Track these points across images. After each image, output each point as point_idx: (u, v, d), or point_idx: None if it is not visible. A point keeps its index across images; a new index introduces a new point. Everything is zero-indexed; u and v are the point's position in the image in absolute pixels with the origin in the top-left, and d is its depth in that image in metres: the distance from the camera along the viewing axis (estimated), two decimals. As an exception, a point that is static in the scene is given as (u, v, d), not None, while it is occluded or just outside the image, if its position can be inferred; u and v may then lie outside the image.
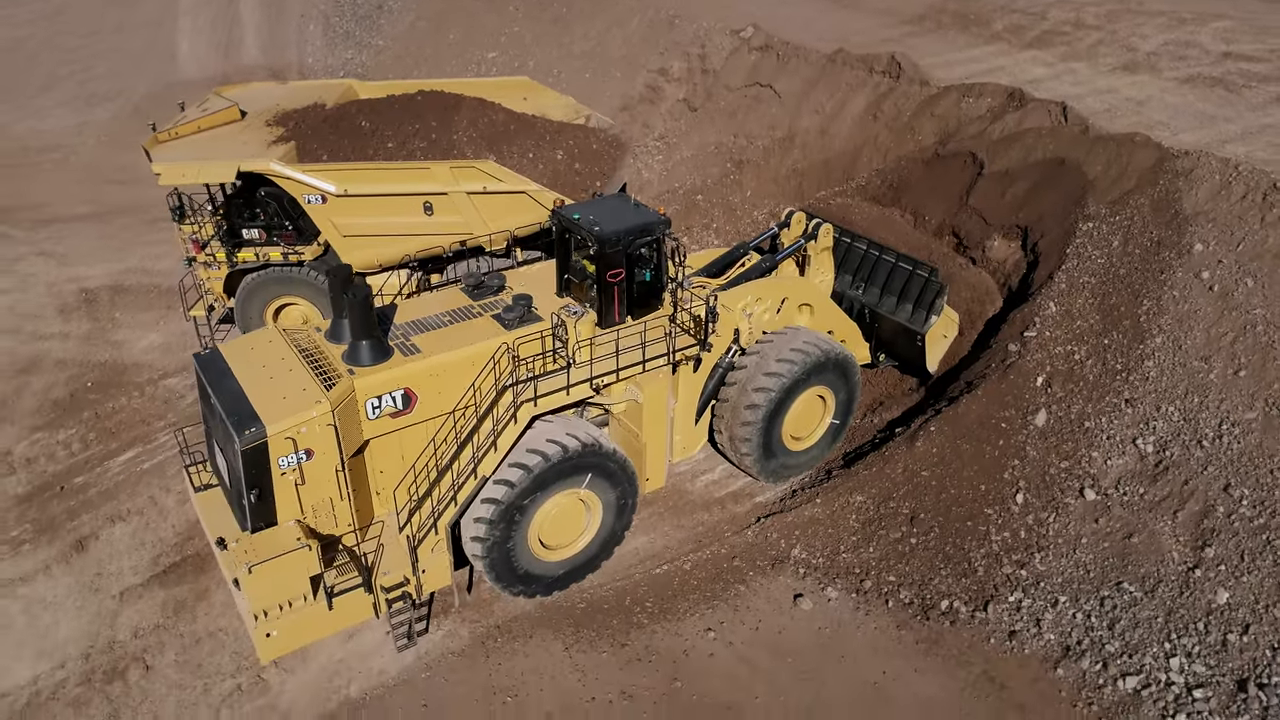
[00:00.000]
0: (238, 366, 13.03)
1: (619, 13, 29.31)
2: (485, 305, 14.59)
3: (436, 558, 13.54)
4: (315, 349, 13.40)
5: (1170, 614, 13.22)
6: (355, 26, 36.89)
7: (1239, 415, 14.45)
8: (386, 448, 13.48)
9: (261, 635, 12.22)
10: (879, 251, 18.19)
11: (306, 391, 12.40)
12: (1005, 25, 28.01)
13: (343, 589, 12.61)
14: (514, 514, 13.62)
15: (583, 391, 14.15)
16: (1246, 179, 16.42)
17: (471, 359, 13.37)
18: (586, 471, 14.16)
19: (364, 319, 12.85)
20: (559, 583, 14.83)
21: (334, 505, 12.88)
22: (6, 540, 15.90)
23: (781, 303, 16.78)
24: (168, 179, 17.71)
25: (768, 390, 15.95)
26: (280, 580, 12.01)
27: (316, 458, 12.35)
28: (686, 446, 16.73)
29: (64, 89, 33.68)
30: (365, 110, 19.66)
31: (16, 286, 23.52)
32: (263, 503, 12.29)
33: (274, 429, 11.92)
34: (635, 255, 14.30)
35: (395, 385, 12.99)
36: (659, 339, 14.62)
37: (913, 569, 14.73)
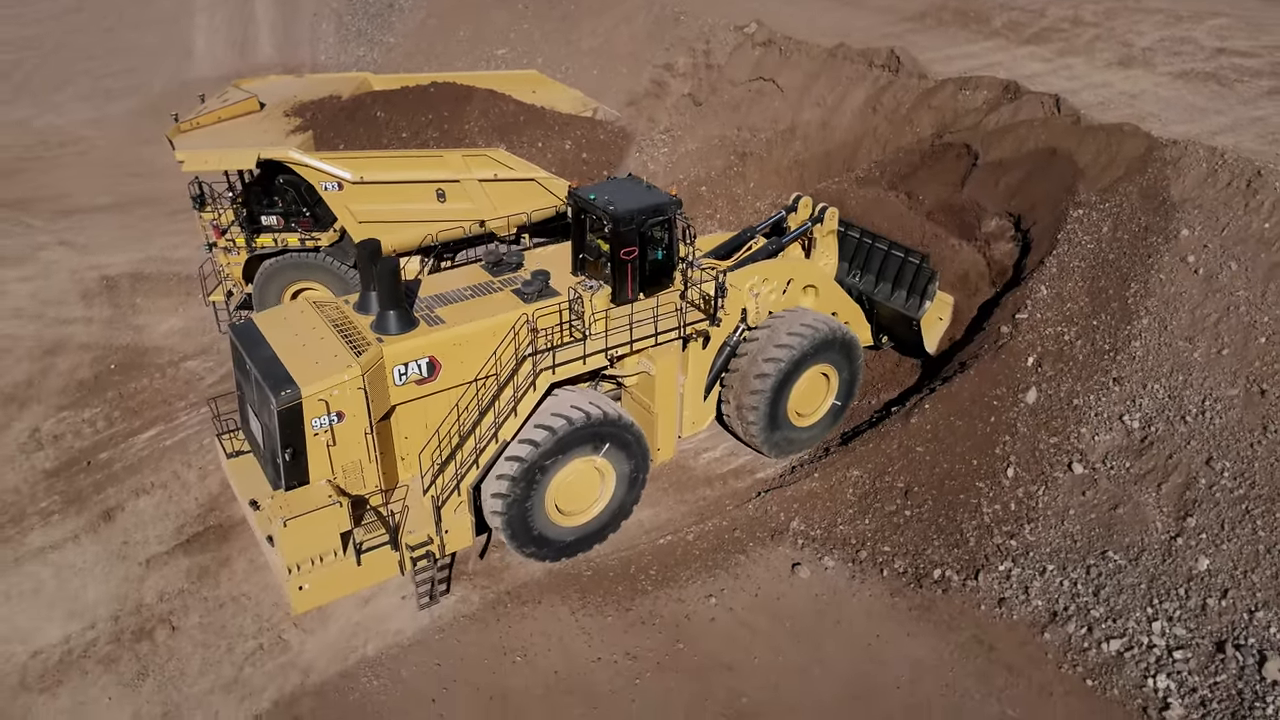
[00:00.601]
0: (272, 335, 13.79)
1: (626, 10, 29.96)
2: (504, 281, 15.37)
3: (459, 518, 14.28)
4: (344, 320, 14.16)
5: (1153, 581, 13.78)
6: (367, 24, 37.61)
7: (1221, 392, 15.00)
8: (411, 414, 14.25)
9: (294, 588, 13.00)
10: (872, 240, 18.88)
11: (338, 357, 13.16)
12: (1004, 22, 28.59)
13: (371, 545, 13.40)
14: (535, 474, 14.36)
15: (598, 361, 14.86)
16: (1232, 167, 16.98)
17: (493, 329, 14.09)
18: (604, 440, 14.88)
19: (392, 290, 13.62)
20: (569, 548, 15.48)
21: (362, 467, 13.64)
22: (37, 511, 16.55)
23: (787, 283, 17.51)
24: (190, 166, 18.36)
25: (777, 360, 16.67)
26: (313, 535, 12.79)
27: (347, 420, 13.12)
28: (695, 422, 17.43)
29: (82, 85, 34.44)
30: (380, 101, 20.32)
31: (40, 274, 24.21)
32: (296, 462, 13.03)
33: (308, 391, 12.69)
34: (648, 234, 14.98)
35: (421, 353, 13.74)
36: (670, 314, 15.30)
37: (907, 540, 15.30)
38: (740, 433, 17.73)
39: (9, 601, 14.72)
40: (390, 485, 14.44)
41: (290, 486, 13.15)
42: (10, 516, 16.43)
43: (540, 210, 19.13)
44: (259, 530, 13.81)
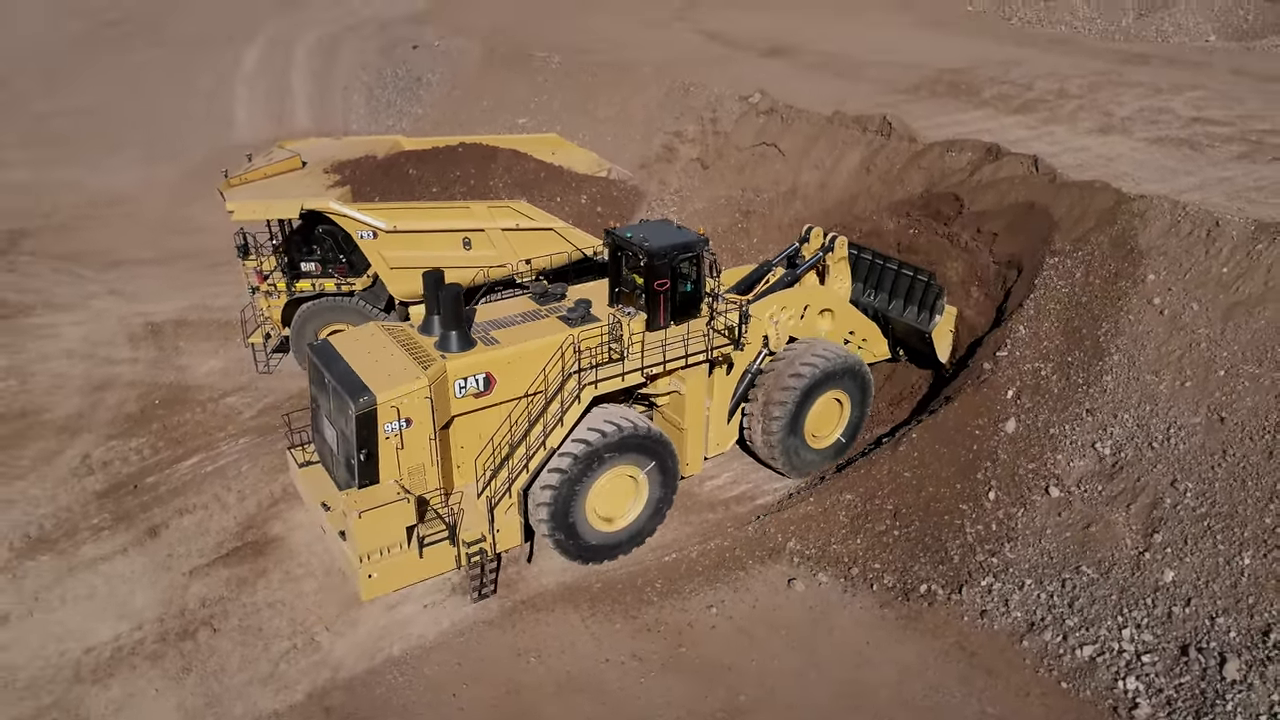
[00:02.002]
0: (347, 352, 15.62)
1: (639, 81, 32.12)
2: (550, 309, 17.14)
3: (509, 519, 15.94)
4: (411, 340, 15.96)
5: (1123, 592, 14.82)
6: (396, 96, 40.08)
7: (1185, 420, 16.20)
8: (468, 425, 15.91)
9: (365, 576, 14.64)
10: (883, 261, 20.67)
11: (407, 370, 14.94)
12: (994, 94, 30.50)
13: (432, 540, 15.06)
14: (578, 479, 15.97)
15: (635, 379, 16.56)
16: (1193, 218, 18.44)
17: (542, 349, 15.86)
18: (641, 452, 16.56)
19: (455, 312, 15.45)
20: (606, 551, 16.96)
21: (425, 470, 15.34)
22: (88, 527, 17.87)
23: (804, 309, 19.22)
24: (240, 215, 20.15)
25: (793, 389, 18.31)
26: (383, 528, 14.44)
27: (414, 426, 14.81)
28: (720, 442, 18.95)
29: (131, 150, 36.81)
30: (412, 160, 22.17)
31: (90, 319, 25.94)
32: (369, 463, 14.70)
33: (383, 398, 14.44)
34: (678, 268, 16.66)
35: (479, 369, 15.48)
36: (699, 338, 17.03)
37: (895, 557, 16.41)
38: (761, 452, 19.16)
39: (64, 605, 15.95)
40: (448, 490, 15.99)
41: (363, 484, 14.79)
42: (64, 532, 17.75)
43: (556, 255, 20.69)
44: (329, 529, 15.46)
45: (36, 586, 16.36)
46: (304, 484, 16.67)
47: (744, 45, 38.16)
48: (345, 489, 15.09)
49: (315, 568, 16.80)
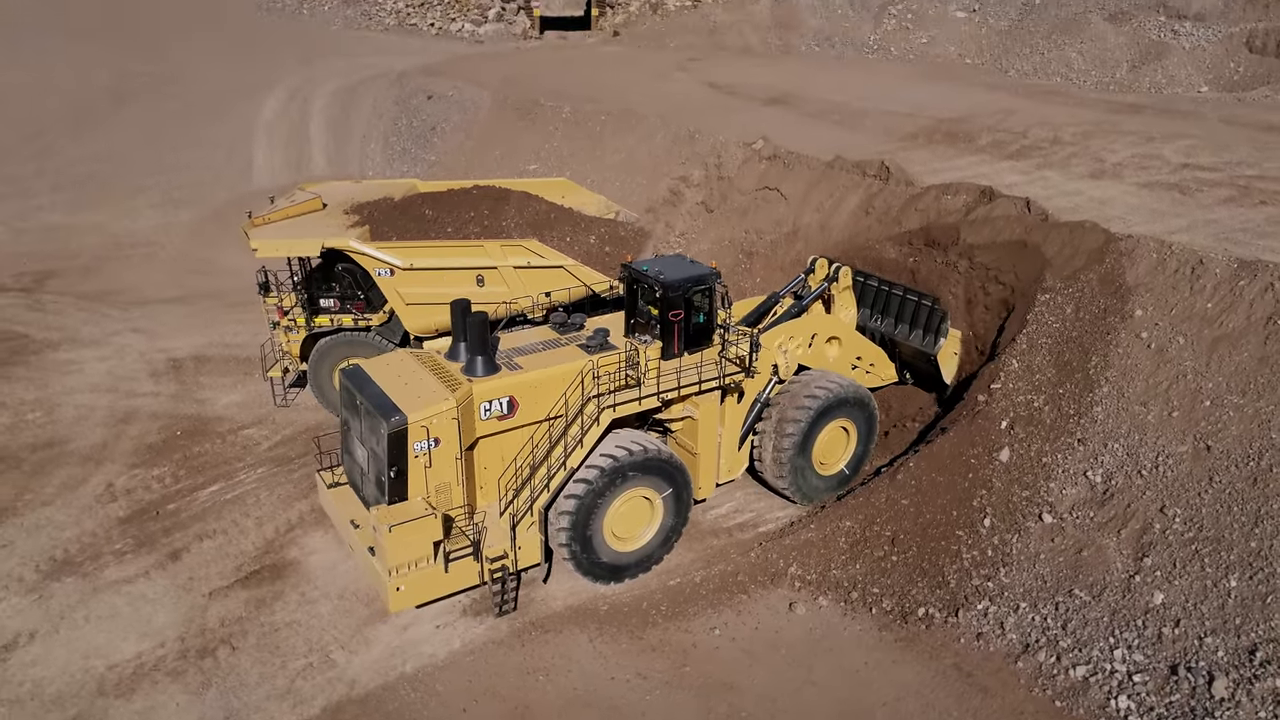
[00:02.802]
0: (378, 376, 16.45)
1: (646, 129, 33.28)
2: (570, 338, 18.04)
3: (530, 536, 16.58)
4: (438, 365, 16.83)
5: (1114, 614, 15.26)
6: (411, 145, 41.38)
7: (1173, 449, 16.76)
8: (491, 447, 16.65)
9: (393, 589, 15.19)
10: (889, 287, 21.58)
11: (436, 392, 15.79)
12: (989, 141, 31.51)
13: (457, 555, 15.71)
14: (597, 498, 16.68)
15: (651, 403, 17.42)
16: (1179, 256, 19.19)
17: (564, 375, 16.70)
18: (658, 475, 17.30)
19: (482, 338, 16.29)
20: (622, 571, 17.58)
21: (451, 488, 16.04)
22: (111, 551, 18.47)
23: (812, 338, 20.03)
24: (263, 253, 21.04)
25: (807, 408, 19.12)
26: (411, 541, 15.12)
27: (442, 445, 15.61)
28: (731, 469, 19.64)
29: (154, 194, 38.05)
30: (428, 201, 23.14)
31: (114, 355, 26.77)
32: (399, 480, 15.49)
33: (414, 418, 15.25)
34: (692, 299, 17.53)
35: (503, 393, 16.30)
36: (711, 366, 17.82)
37: (894, 582, 16.89)
38: (771, 474, 19.79)
39: (88, 624, 16.50)
40: (472, 508, 16.69)
41: (393, 501, 15.52)
42: (88, 555, 18.34)
43: (564, 290, 21.45)
44: (358, 546, 16.12)
45: (62, 606, 16.91)
46: (333, 504, 17.36)
47: (746, 95, 39.43)
48: (375, 506, 15.75)
49: (331, 590, 17.35)
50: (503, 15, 59.87)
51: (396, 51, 51.63)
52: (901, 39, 54.77)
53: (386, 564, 15.10)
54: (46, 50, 46.25)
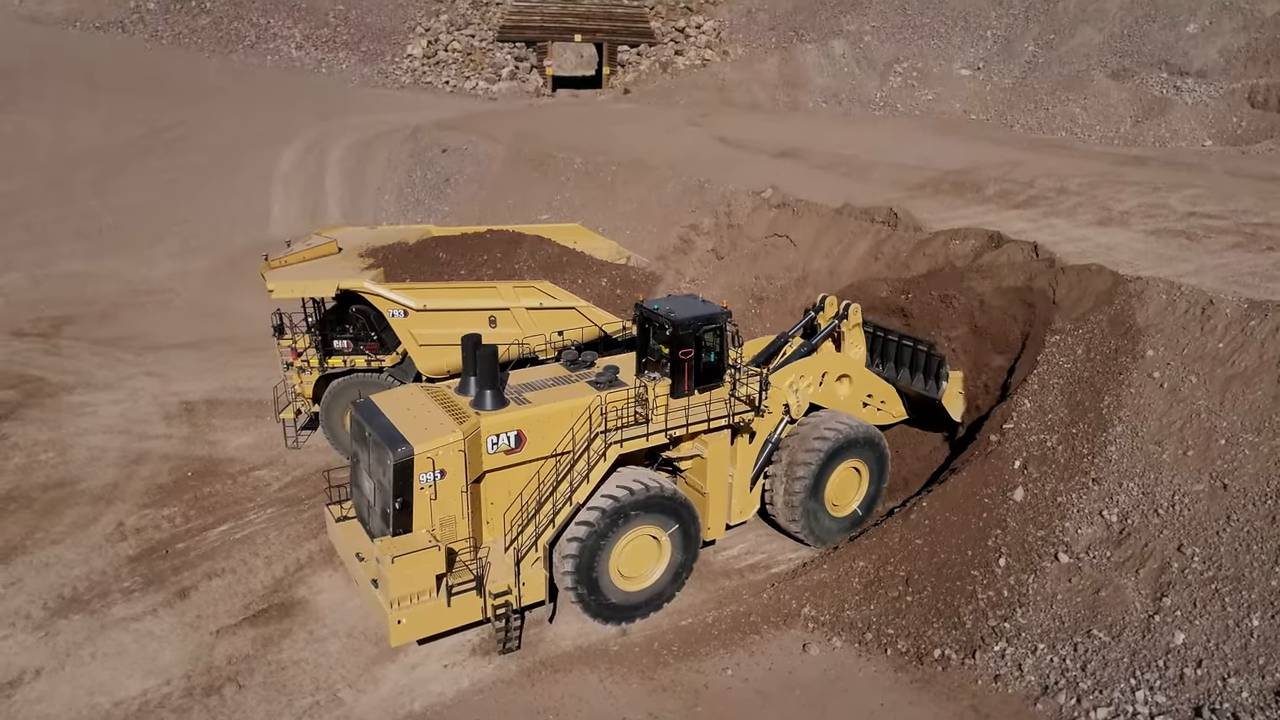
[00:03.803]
0: (388, 409, 16.53)
1: (657, 179, 33.78)
2: (580, 375, 18.12)
3: (535, 573, 16.38)
4: (447, 399, 16.89)
5: (1135, 654, 14.99)
6: (425, 195, 42.05)
7: (1189, 488, 16.63)
8: (498, 482, 16.65)
9: (394, 621, 15.04)
10: (885, 332, 21.65)
11: (443, 424, 15.84)
12: (996, 191, 31.85)
13: (460, 590, 15.56)
14: (603, 535, 16.60)
15: (659, 440, 17.44)
16: (1188, 297, 19.26)
17: (572, 410, 16.74)
18: (665, 513, 17.21)
19: (490, 371, 16.40)
20: (628, 611, 17.38)
21: (456, 522, 16.00)
22: (120, 589, 18.37)
23: (823, 376, 20.03)
24: (279, 294, 21.30)
25: (809, 464, 19.05)
26: (414, 574, 15.01)
27: (448, 477, 15.57)
28: (743, 510, 19.52)
29: (171, 243, 38.63)
30: (442, 244, 23.48)
31: (127, 398, 26.94)
32: (404, 512, 15.45)
33: (420, 449, 15.30)
34: (702, 338, 17.62)
35: (511, 426, 16.34)
36: (721, 404, 17.81)
37: (909, 623, 16.65)
38: (783, 516, 19.66)
39: (94, 660, 16.36)
40: (477, 543, 16.56)
41: (397, 532, 15.47)
42: (97, 593, 18.25)
43: (575, 330, 21.60)
44: (362, 577, 16.02)
45: (69, 643, 16.79)
46: (340, 538, 17.32)
47: (755, 149, 40.03)
48: (379, 538, 15.69)
49: (339, 629, 17.19)
50: (516, 73, 61.19)
51: (412, 108, 52.69)
52: (907, 96, 55.77)
53: (388, 596, 14.97)
54: (72, 101, 47.39)
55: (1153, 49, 50.67)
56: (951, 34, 58.82)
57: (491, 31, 61.88)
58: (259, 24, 62.94)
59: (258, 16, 63.49)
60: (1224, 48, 48.52)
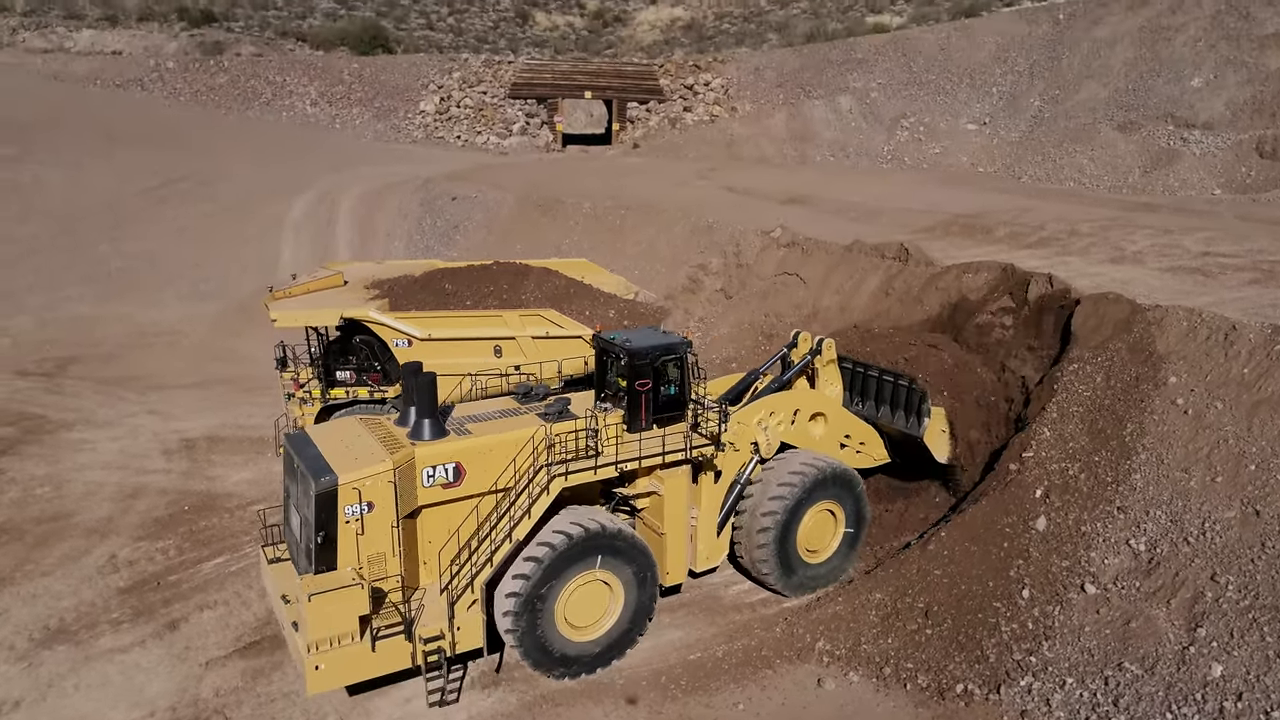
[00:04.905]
0: (320, 440, 15.52)
1: (666, 221, 33.80)
2: (530, 407, 17.06)
3: (470, 617, 14.99)
4: (384, 430, 15.85)
5: (1170, 688, 14.16)
6: (435, 242, 42.17)
7: (1219, 515, 15.94)
8: (436, 519, 15.38)
9: (311, 667, 13.68)
10: (864, 368, 20.59)
11: (373, 454, 14.73)
12: (1006, 233, 31.70)
13: (386, 633, 14.19)
14: (548, 579, 15.26)
15: (608, 473, 16.17)
16: (1209, 324, 18.79)
17: (515, 441, 15.56)
18: (615, 556, 15.84)
19: (427, 400, 15.39)
20: (576, 664, 15.91)
21: (386, 560, 14.62)
22: (108, 620, 17.72)
23: (795, 414, 18.92)
24: (283, 323, 21.07)
25: (774, 513, 17.77)
26: (334, 614, 13.65)
27: (376, 511, 14.35)
28: (710, 557, 18.15)
29: (181, 286, 38.72)
30: (448, 276, 23.27)
31: (127, 435, 26.55)
32: (327, 547, 14.15)
33: (344, 479, 14.13)
34: (660, 369, 16.76)
35: (448, 458, 15.16)
36: (678, 437, 16.72)
37: (929, 656, 15.85)
38: (753, 568, 18.37)
39: (77, 692, 15.66)
40: (412, 585, 15.32)
41: (319, 570, 14.15)
42: (84, 624, 17.60)
43: (579, 360, 21.22)
44: (286, 620, 14.79)
45: (51, 675, 16.10)
46: (271, 580, 15.98)
47: (763, 196, 40.22)
48: (303, 576, 14.54)
49: (332, 661, 16.44)
50: (527, 129, 62.04)
51: (423, 161, 53.33)
52: (914, 149, 56.23)
53: (305, 638, 13.64)
54: (88, 152, 48.11)
55: (1158, 102, 51.07)
56: (957, 90, 59.55)
57: (503, 88, 62.96)
58: (275, 81, 64.27)
59: (274, 74, 64.88)
60: (1229, 100, 48.85)
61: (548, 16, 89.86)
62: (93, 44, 70.72)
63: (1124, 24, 57.45)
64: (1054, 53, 58.09)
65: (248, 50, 71.46)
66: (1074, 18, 60.25)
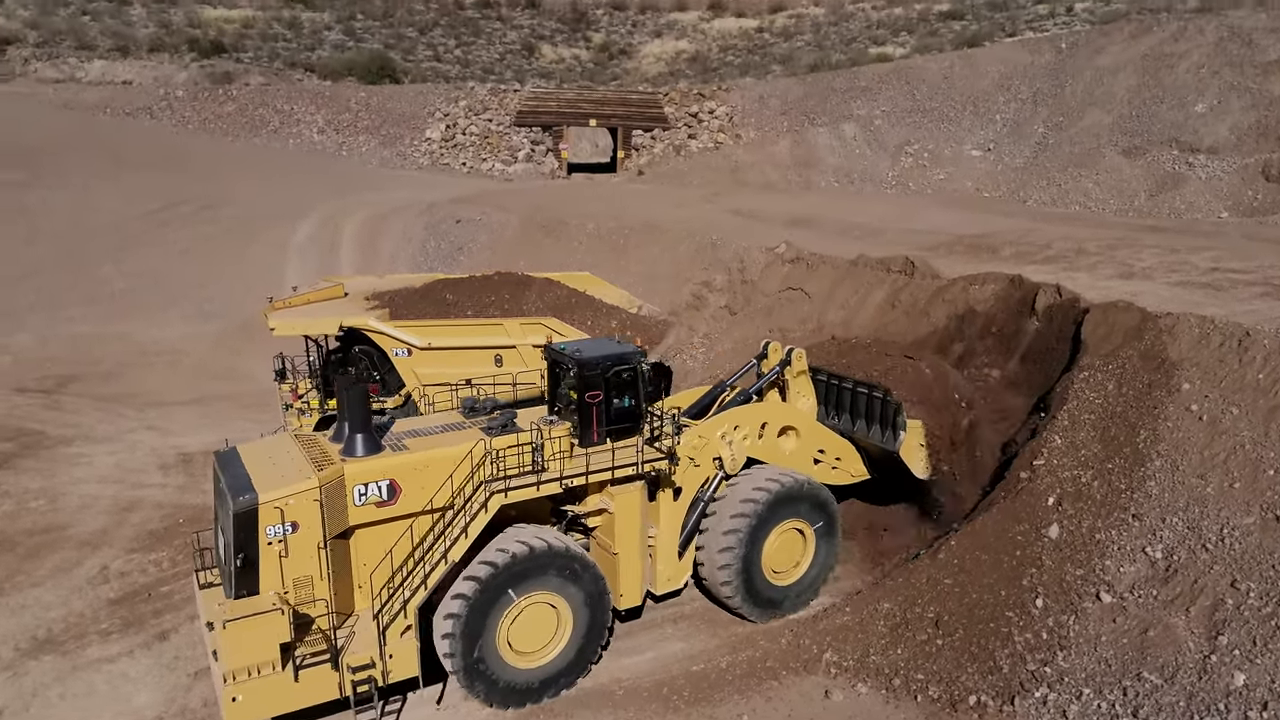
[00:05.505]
0: (248, 458, 14.82)
1: (670, 240, 33.67)
2: (475, 421, 16.24)
3: (404, 644, 14.15)
4: (318, 447, 15.08)
5: (1191, 698, 13.65)
6: (438, 264, 42.04)
7: (1238, 521, 15.48)
8: (371, 540, 14.54)
9: (228, 698, 12.84)
10: (839, 380, 19.69)
11: (300, 471, 13.97)
12: (1012, 252, 31.44)
13: (310, 662, 13.41)
14: (488, 603, 14.53)
15: (552, 489, 15.30)
16: (1223, 330, 18.45)
17: (454, 456, 14.69)
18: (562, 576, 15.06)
19: (358, 414, 14.64)
20: (521, 694, 15.07)
21: (314, 584, 13.85)
22: (97, 631, 17.32)
23: (762, 427, 17.97)
24: (281, 331, 20.86)
25: (736, 532, 16.97)
26: (252, 642, 12.86)
27: (301, 531, 13.57)
28: (671, 579, 17.32)
29: (184, 307, 38.62)
30: (449, 287, 23.14)
31: (125, 450, 26.25)
32: (247, 570, 13.38)
33: (265, 497, 13.37)
34: (612, 380, 16.00)
35: (382, 475, 14.33)
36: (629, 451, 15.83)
37: (940, 667, 15.34)
38: (716, 591, 17.56)
39: (63, 702, 15.26)
40: (345, 611, 14.56)
41: (240, 594, 13.38)
42: (73, 635, 17.21)
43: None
44: (210, 647, 14.02)
45: (36, 684, 15.71)
46: (203, 605, 14.92)
47: (768, 219, 40.04)
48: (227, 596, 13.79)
49: (325, 672, 15.96)
50: (532, 156, 62.31)
51: (429, 186, 53.46)
52: (919, 175, 56.27)
53: (222, 667, 12.85)
54: (95, 176, 48.35)
55: (1162, 128, 51.08)
56: (961, 118, 59.71)
57: (509, 116, 63.34)
58: (283, 110, 64.76)
59: (282, 103, 65.40)
60: (1234, 125, 48.83)
61: (554, 49, 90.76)
62: (104, 74, 71.46)
63: (1126, 52, 57.71)
64: (1057, 80, 58.31)
65: (256, 80, 72.15)
66: (1076, 47, 60.59)
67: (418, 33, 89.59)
